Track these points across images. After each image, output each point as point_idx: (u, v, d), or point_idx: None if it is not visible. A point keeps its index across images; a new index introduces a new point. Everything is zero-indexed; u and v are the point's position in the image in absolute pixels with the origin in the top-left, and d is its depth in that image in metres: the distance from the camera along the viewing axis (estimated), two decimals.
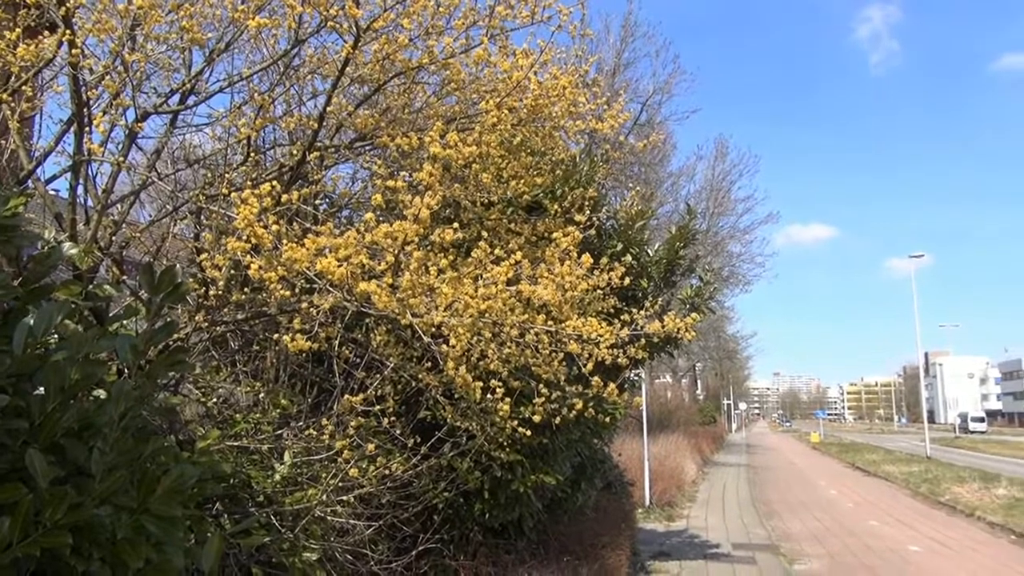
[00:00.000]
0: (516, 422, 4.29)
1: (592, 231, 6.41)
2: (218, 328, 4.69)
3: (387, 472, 4.80)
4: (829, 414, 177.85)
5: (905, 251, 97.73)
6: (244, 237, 3.44)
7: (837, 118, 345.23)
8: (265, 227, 3.43)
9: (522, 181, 4.92)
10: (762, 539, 15.82)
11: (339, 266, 3.25)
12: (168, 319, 3.03)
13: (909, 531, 17.40)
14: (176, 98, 4.70)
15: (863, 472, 35.57)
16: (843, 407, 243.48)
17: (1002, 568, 13.20)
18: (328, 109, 4.52)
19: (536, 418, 4.33)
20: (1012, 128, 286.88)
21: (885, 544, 15.62)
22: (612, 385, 4.09)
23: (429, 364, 4.70)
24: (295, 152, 4.84)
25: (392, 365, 4.96)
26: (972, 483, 23.76)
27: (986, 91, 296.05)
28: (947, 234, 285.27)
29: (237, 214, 3.43)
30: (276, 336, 3.99)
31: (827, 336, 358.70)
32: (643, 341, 4.33)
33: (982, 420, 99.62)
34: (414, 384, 5.15)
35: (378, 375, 5.08)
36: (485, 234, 4.27)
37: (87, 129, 4.05)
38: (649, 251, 9.41)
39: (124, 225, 4.71)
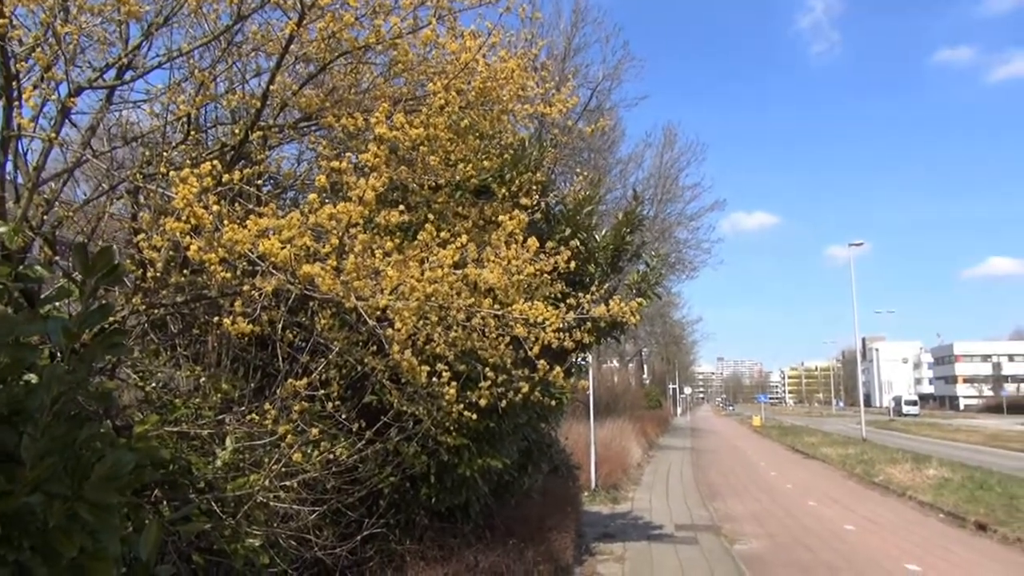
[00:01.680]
0: (462, 406, 4.29)
1: (540, 216, 6.42)
2: (157, 311, 4.58)
3: (332, 457, 4.76)
4: (771, 398, 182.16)
5: (845, 239, 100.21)
6: (183, 217, 3.35)
7: (780, 107, 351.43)
8: (205, 207, 3.35)
9: (470, 165, 4.89)
10: (705, 520, 16.17)
11: (282, 248, 3.18)
12: (104, 301, 2.94)
13: (845, 511, 17.97)
14: (112, 73, 4.54)
15: (802, 454, 36.59)
16: (784, 391, 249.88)
17: (928, 544, 13.74)
18: (272, 88, 4.42)
19: (482, 402, 4.33)
20: (949, 121, 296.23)
21: (822, 524, 16.12)
22: (558, 369, 4.12)
23: (375, 348, 4.66)
24: (237, 131, 4.72)
25: (337, 349, 4.90)
26: (904, 464, 24.61)
27: (924, 84, 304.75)
28: (885, 222, 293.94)
29: (176, 194, 3.34)
30: (217, 319, 3.90)
31: (770, 322, 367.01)
32: (589, 325, 4.35)
33: (915, 404, 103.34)
34: (360, 368, 5.11)
35: (323, 359, 5.02)
36: (431, 217, 4.23)
37: (17, 104, 3.89)
38: (597, 236, 9.47)
39: (57, 204, 4.55)
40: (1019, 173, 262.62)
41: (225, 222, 3.35)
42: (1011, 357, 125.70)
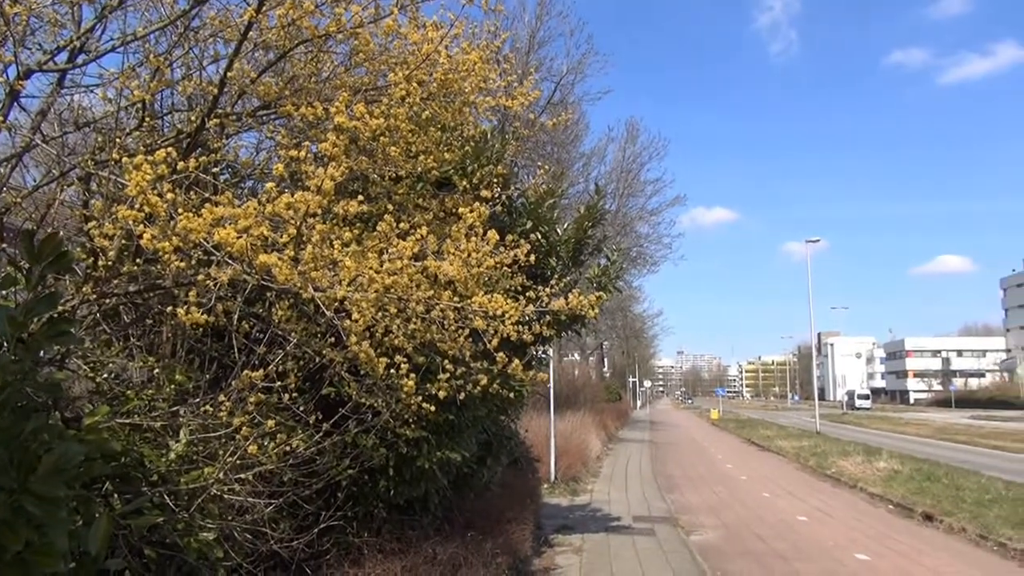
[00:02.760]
0: (421, 398, 4.27)
1: (502, 209, 6.42)
2: (108, 300, 4.48)
3: (288, 449, 4.71)
4: (728, 392, 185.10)
5: (802, 236, 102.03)
6: (137, 205, 3.28)
7: (740, 104, 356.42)
8: (160, 195, 3.29)
9: (431, 156, 4.86)
10: (662, 512, 16.36)
11: (238, 237, 3.14)
12: (52, 290, 2.87)
13: (798, 502, 18.34)
14: (63, 56, 4.43)
15: (758, 447, 37.21)
16: (742, 385, 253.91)
17: (877, 534, 14.09)
18: (229, 75, 4.35)
19: (441, 394, 4.33)
20: (901, 122, 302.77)
21: (775, 515, 16.43)
22: (517, 361, 4.13)
23: (333, 340, 4.62)
24: (194, 118, 4.64)
25: (295, 341, 4.85)
26: (856, 457, 25.18)
27: (877, 85, 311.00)
28: (841, 220, 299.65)
29: (129, 181, 3.27)
30: (172, 309, 3.83)
31: (729, 316, 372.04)
32: (549, 318, 4.37)
33: (867, 397, 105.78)
34: (318, 360, 5.06)
35: (280, 351, 4.96)
36: (390, 207, 4.20)
37: None
38: (558, 230, 9.50)
39: (4, 190, 4.43)
40: (966, 174, 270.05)
41: (180, 210, 3.29)
42: (959, 352, 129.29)
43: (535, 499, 13.29)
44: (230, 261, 3.34)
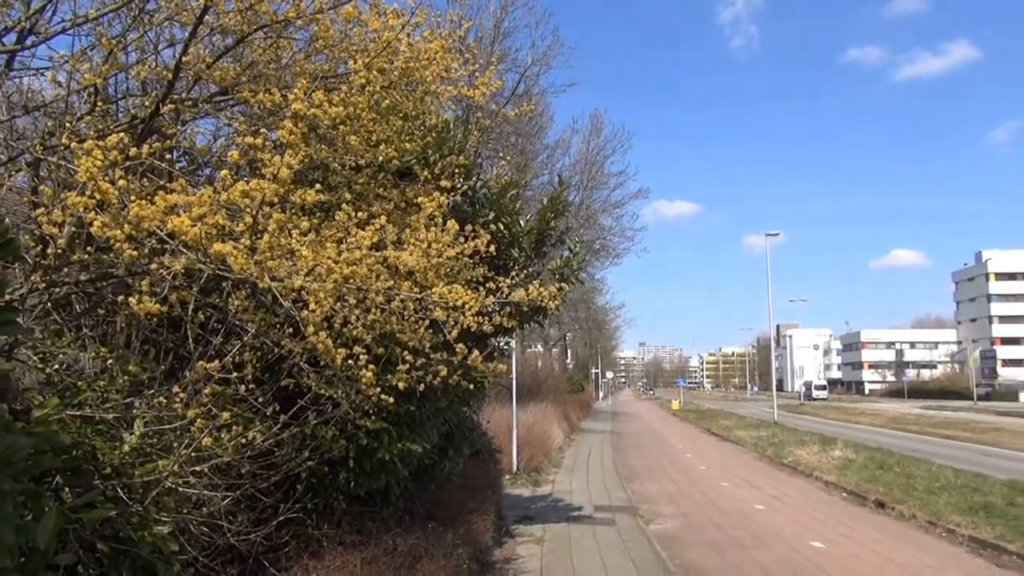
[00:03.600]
0: (380, 389, 4.24)
1: (462, 199, 6.38)
2: (59, 289, 4.37)
3: (245, 441, 4.65)
4: (689, 382, 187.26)
5: (762, 229, 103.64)
6: (88, 192, 3.20)
7: (702, 98, 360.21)
8: (112, 182, 3.21)
9: (392, 146, 4.82)
10: (622, 501, 16.52)
11: (193, 226, 3.08)
12: None
13: (755, 491, 18.65)
14: (12, 37, 4.29)
15: (717, 437, 37.74)
16: (703, 376, 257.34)
17: (831, 521, 14.39)
18: (185, 59, 4.25)
19: (401, 385, 4.30)
20: (857, 118, 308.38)
21: (733, 503, 16.69)
22: (476, 353, 4.12)
23: (291, 330, 4.56)
24: (148, 104, 4.53)
25: (253, 331, 4.78)
26: (812, 446, 25.69)
27: (835, 81, 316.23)
28: (800, 214, 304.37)
29: (79, 167, 3.18)
30: (122, 299, 3.74)
31: (690, 308, 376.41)
32: (509, 310, 4.37)
33: (824, 388, 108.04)
34: (276, 351, 5.00)
35: (238, 341, 4.89)
36: (348, 197, 4.15)
37: None
38: (521, 221, 9.49)
39: None
40: (920, 170, 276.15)
41: (132, 198, 3.22)
42: (912, 344, 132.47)
43: (497, 490, 13.32)
44: (184, 250, 3.27)
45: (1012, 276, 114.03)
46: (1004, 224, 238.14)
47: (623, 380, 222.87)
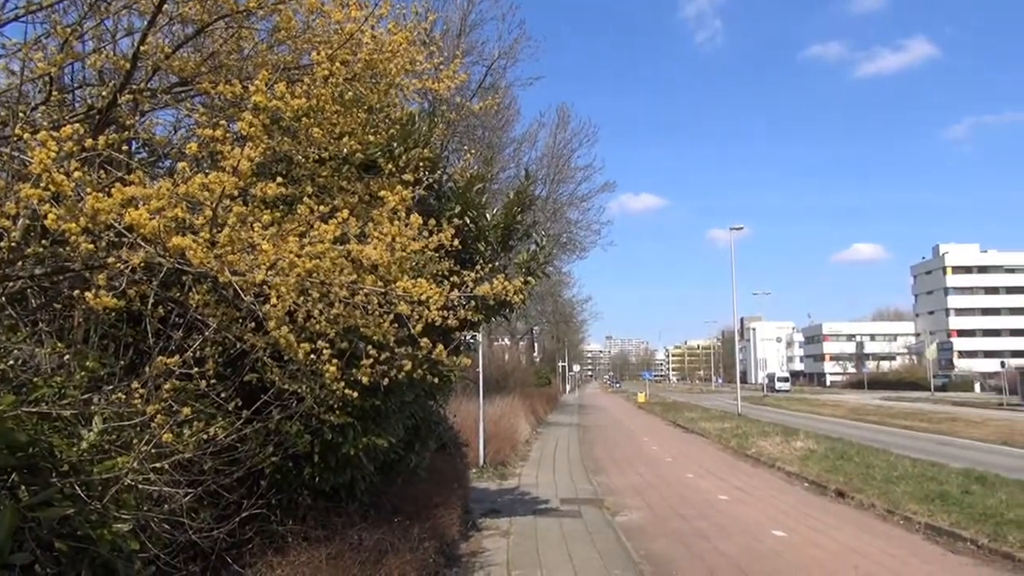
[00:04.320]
0: (343, 384, 4.21)
1: (428, 192, 6.35)
2: (13, 283, 4.27)
3: (207, 437, 4.59)
4: (655, 375, 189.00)
5: (727, 222, 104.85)
6: (42, 184, 3.12)
7: (667, 92, 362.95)
8: (67, 174, 3.14)
9: (355, 138, 4.77)
10: (588, 494, 16.63)
11: (151, 219, 3.02)
12: None
13: (719, 482, 18.89)
14: None
15: (683, 429, 38.15)
16: (668, 368, 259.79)
17: (793, 511, 14.64)
18: (143, 49, 4.17)
19: (364, 380, 4.28)
20: (819, 113, 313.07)
21: (698, 494, 16.90)
22: (441, 347, 4.11)
23: (254, 325, 4.51)
24: (105, 94, 4.44)
25: (215, 326, 4.72)
26: (775, 437, 26.07)
27: (797, 76, 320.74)
28: (764, 208, 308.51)
29: (33, 158, 3.11)
30: (79, 293, 3.67)
31: (656, 301, 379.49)
32: (474, 303, 4.37)
33: (787, 380, 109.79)
34: (239, 345, 4.94)
35: (199, 336, 4.82)
36: (310, 191, 4.10)
37: None
38: (488, 215, 9.49)
39: None
40: (878, 163, 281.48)
41: (89, 190, 3.15)
42: (872, 337, 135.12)
43: (463, 484, 13.33)
44: (143, 243, 3.21)
45: (968, 270, 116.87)
46: (961, 218, 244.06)
47: (590, 373, 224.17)
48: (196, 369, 4.45)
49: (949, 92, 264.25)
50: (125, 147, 3.77)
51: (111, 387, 4.58)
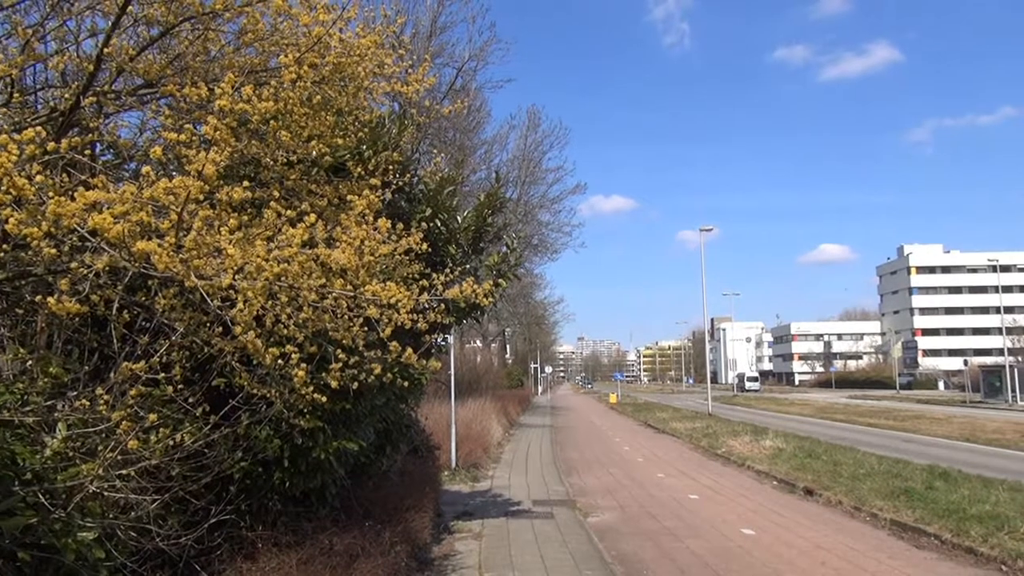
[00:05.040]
0: (312, 388, 4.19)
1: (398, 195, 6.34)
2: None
3: (174, 443, 4.54)
4: (627, 376, 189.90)
5: (696, 224, 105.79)
6: (3, 188, 3.08)
7: (637, 94, 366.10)
8: (29, 178, 3.09)
9: (324, 141, 4.75)
10: (561, 495, 16.68)
11: (115, 223, 2.98)
12: None
13: (690, 481, 19.05)
14: None
15: (654, 429, 38.38)
16: (640, 369, 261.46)
17: (762, 509, 14.81)
18: (107, 50, 4.12)
19: (333, 384, 4.26)
20: (786, 116, 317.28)
21: (668, 494, 17.02)
22: (410, 350, 4.11)
23: (222, 329, 4.47)
24: (68, 96, 4.38)
25: (181, 330, 4.67)
26: (745, 436, 26.33)
27: (764, 79, 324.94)
28: (733, 209, 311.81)
29: None
30: (41, 298, 3.61)
31: (627, 302, 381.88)
32: (443, 306, 4.37)
33: (756, 380, 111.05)
34: (207, 350, 4.89)
35: (166, 340, 4.77)
36: (276, 194, 4.08)
37: None
38: (458, 217, 9.48)
39: None
40: (843, 166, 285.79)
41: (51, 193, 3.11)
42: (839, 336, 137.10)
43: (435, 486, 13.30)
44: (107, 248, 3.17)
45: (932, 270, 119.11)
46: (925, 219, 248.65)
47: (562, 374, 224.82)
48: (163, 374, 4.40)
49: (911, 95, 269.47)
50: (89, 150, 3.72)
51: (75, 393, 4.52)
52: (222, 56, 4.86)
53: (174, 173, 3.85)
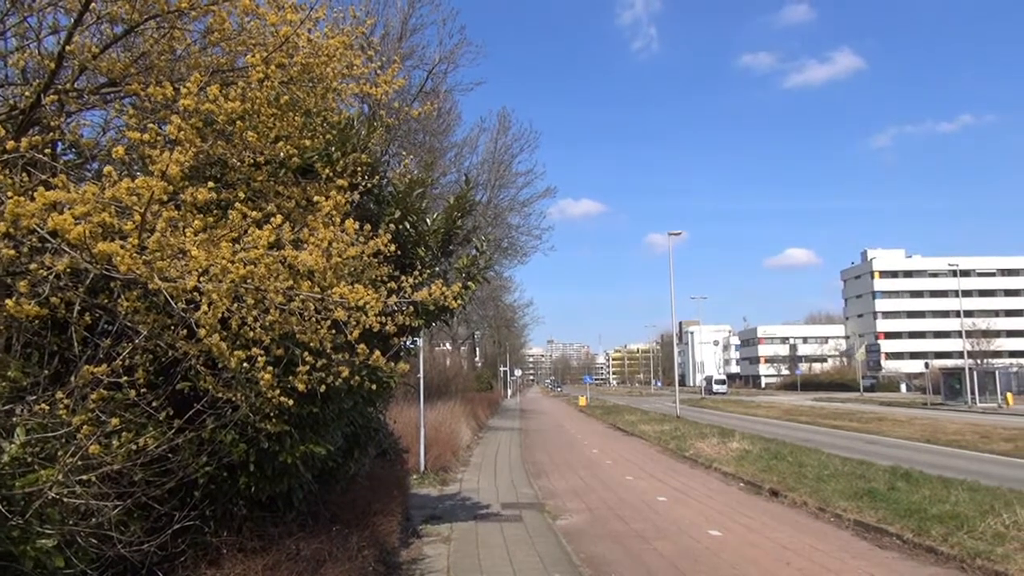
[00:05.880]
0: (279, 391, 4.15)
1: (367, 197, 6.30)
2: None
3: (137, 448, 4.46)
4: (596, 379, 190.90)
5: (665, 227, 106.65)
6: None
7: (606, 99, 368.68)
8: None
9: (292, 142, 4.71)
10: (529, 498, 16.68)
11: (76, 224, 2.93)
12: None
13: (658, 483, 19.17)
14: None
15: (623, 432, 38.55)
16: (609, 372, 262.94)
17: (729, 511, 14.95)
18: (69, 48, 4.05)
19: (300, 387, 4.22)
20: (752, 121, 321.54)
21: (637, 496, 17.11)
22: (378, 353, 4.08)
23: (187, 332, 4.41)
24: (29, 94, 4.29)
25: (145, 333, 4.59)
26: (712, 439, 26.55)
27: (730, 85, 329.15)
28: (701, 213, 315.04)
29: None
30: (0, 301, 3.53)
31: (597, 305, 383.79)
32: (412, 309, 4.35)
33: (723, 382, 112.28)
34: (171, 353, 4.82)
35: (129, 344, 4.68)
36: (242, 195, 4.03)
37: None
38: (428, 220, 9.46)
39: None
40: (808, 172, 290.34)
41: (10, 193, 3.04)
42: (805, 339, 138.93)
43: (404, 490, 13.23)
44: (67, 249, 3.11)
45: (894, 274, 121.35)
46: (887, 224, 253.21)
47: (532, 377, 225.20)
48: (125, 378, 4.33)
49: (873, 102, 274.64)
50: (50, 149, 3.65)
51: (35, 397, 4.42)
52: (188, 55, 4.80)
53: (138, 173, 3.78)
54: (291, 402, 4.22)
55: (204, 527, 6.12)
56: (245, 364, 3.88)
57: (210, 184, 3.52)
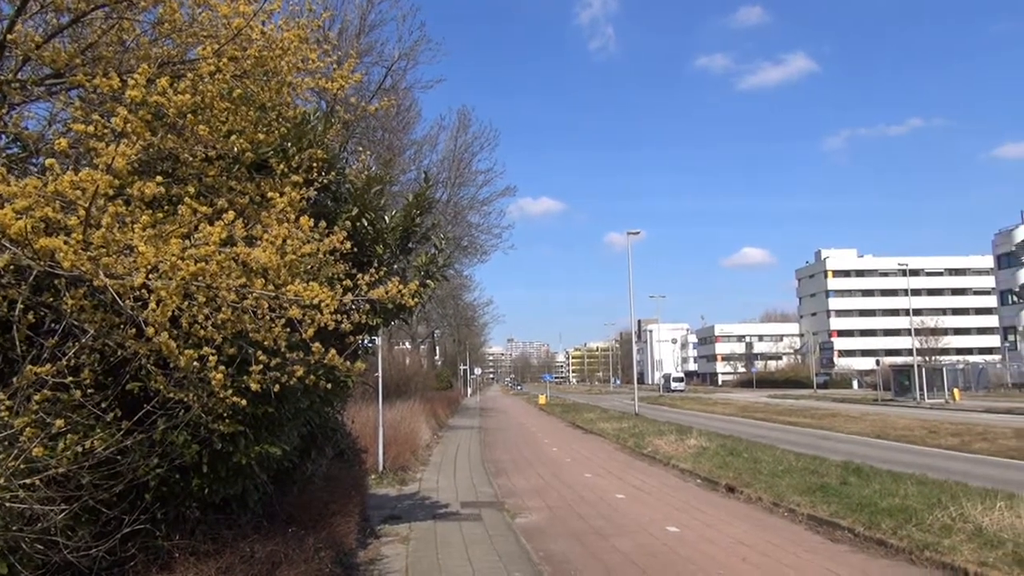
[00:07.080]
0: (231, 391, 4.06)
1: (324, 194, 6.21)
2: None
3: (83, 450, 4.33)
4: (556, 377, 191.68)
5: (624, 227, 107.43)
6: None
7: (565, 98, 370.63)
8: None
9: (246, 137, 4.61)
10: (489, 497, 16.66)
11: (18, 218, 2.82)
12: None
13: (617, 481, 19.29)
14: None
15: (582, 430, 38.72)
16: (568, 370, 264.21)
17: (686, 507, 15.11)
18: (10, 37, 3.91)
19: (254, 386, 4.13)
20: (707, 122, 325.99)
21: (596, 494, 17.19)
22: (333, 351, 4.02)
23: (136, 331, 4.29)
24: None
25: (92, 332, 4.46)
26: (670, 436, 26.79)
27: (686, 87, 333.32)
28: (659, 213, 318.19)
29: None
30: None
31: (556, 304, 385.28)
32: (369, 307, 4.30)
33: (681, 380, 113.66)
34: (119, 352, 4.68)
35: (76, 343, 4.55)
36: (192, 190, 3.93)
37: None
38: (386, 217, 9.37)
39: None
40: (763, 172, 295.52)
41: None
42: (760, 337, 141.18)
43: (361, 491, 13.12)
44: (8, 245, 3.00)
45: (847, 273, 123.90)
46: (840, 225, 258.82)
47: (492, 376, 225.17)
48: (71, 378, 4.20)
49: (826, 105, 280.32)
50: (3, 143, 3.52)
51: None
52: (137, 47, 4.68)
53: (86, 168, 3.67)
54: (245, 402, 4.13)
55: (155, 530, 5.98)
56: (196, 363, 3.78)
57: (159, 179, 3.42)
